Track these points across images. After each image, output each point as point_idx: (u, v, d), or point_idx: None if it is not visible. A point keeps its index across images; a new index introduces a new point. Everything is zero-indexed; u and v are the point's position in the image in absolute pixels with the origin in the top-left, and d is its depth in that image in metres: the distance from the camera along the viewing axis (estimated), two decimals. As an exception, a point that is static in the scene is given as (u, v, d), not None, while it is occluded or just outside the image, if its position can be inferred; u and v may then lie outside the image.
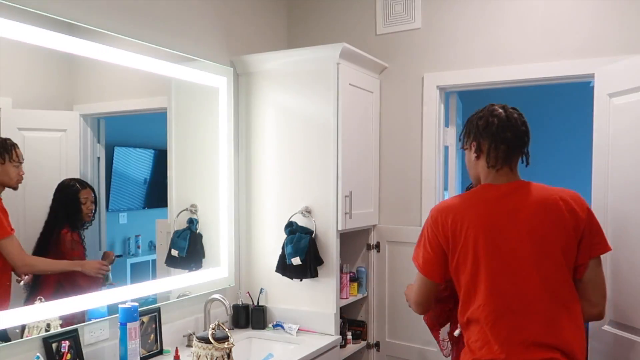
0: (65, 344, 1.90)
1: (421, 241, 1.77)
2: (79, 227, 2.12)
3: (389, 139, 3.03)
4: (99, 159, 2.18)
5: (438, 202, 2.30)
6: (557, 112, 4.58)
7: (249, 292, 2.81)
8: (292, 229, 2.66)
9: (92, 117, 2.13)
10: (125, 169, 2.36)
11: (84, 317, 2.05)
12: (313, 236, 2.63)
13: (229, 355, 1.99)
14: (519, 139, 1.69)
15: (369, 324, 3.04)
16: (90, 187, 2.14)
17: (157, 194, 2.50)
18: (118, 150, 2.29)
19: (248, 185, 2.87)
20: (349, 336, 2.87)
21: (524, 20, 2.69)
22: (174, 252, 2.50)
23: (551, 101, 4.58)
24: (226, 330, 2.02)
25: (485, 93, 4.27)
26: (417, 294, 1.80)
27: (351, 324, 2.96)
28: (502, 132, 1.67)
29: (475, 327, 1.64)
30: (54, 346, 1.89)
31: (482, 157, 1.71)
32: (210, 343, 1.95)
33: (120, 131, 2.28)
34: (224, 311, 2.50)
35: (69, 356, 1.91)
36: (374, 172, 2.99)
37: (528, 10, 2.68)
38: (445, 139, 3.01)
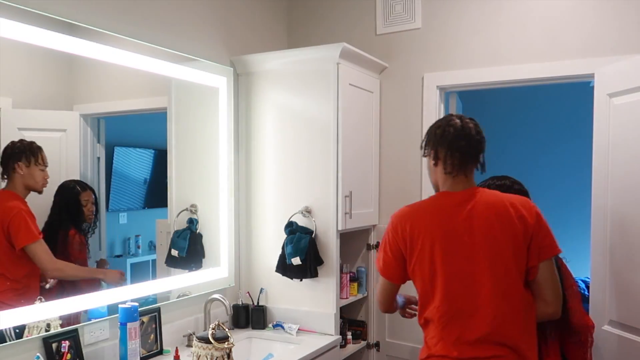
0: (65, 344, 1.90)
1: (382, 246, 1.88)
2: (81, 229, 2.12)
3: (389, 139, 3.03)
4: (99, 159, 2.18)
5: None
6: (557, 112, 4.58)
7: (249, 292, 2.81)
8: (292, 229, 2.66)
9: (92, 117, 2.12)
10: (125, 169, 2.36)
11: (79, 318, 2.05)
12: (313, 236, 2.63)
13: (229, 355, 1.99)
14: (473, 148, 1.77)
15: (369, 324, 3.04)
16: (91, 189, 2.14)
17: (157, 194, 2.50)
18: (118, 150, 2.29)
19: (248, 185, 2.87)
20: (349, 336, 2.87)
21: (524, 20, 2.69)
22: (174, 252, 2.50)
23: (551, 101, 4.58)
24: (226, 330, 2.02)
25: (485, 93, 4.29)
26: (379, 293, 1.94)
27: (351, 324, 2.96)
28: (457, 141, 1.75)
29: (431, 326, 1.76)
30: (54, 346, 1.89)
31: (439, 164, 1.80)
32: (210, 343, 1.95)
33: (120, 131, 2.28)
34: (224, 311, 2.50)
35: (69, 356, 1.91)
36: (374, 172, 2.99)
37: (528, 10, 2.68)
38: (445, 139, 3.01)
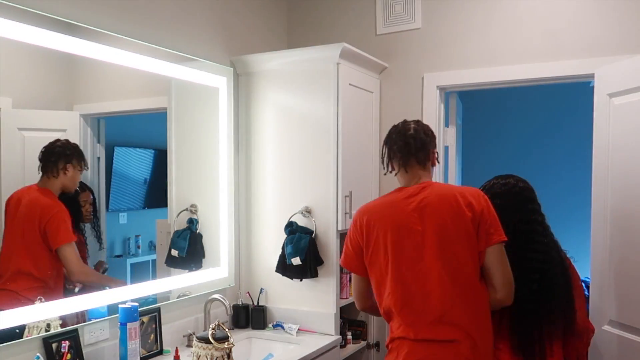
0: (65, 344, 1.90)
1: (345, 240, 2.02)
2: (80, 229, 2.12)
3: (389, 139, 3.03)
4: (99, 159, 2.17)
5: None
6: (557, 112, 4.58)
7: (249, 292, 2.81)
8: (292, 229, 2.66)
9: (92, 117, 2.12)
10: (125, 169, 2.36)
11: (84, 317, 2.05)
12: (313, 236, 2.63)
13: (229, 355, 1.99)
14: (407, 145, 1.91)
15: (369, 324, 3.04)
16: (89, 189, 2.13)
17: (157, 194, 2.50)
18: (118, 150, 2.29)
19: (248, 185, 2.87)
20: (349, 336, 2.87)
21: (524, 20, 2.69)
22: (174, 252, 2.50)
23: (551, 101, 4.58)
24: (226, 330, 2.02)
25: (486, 93, 4.29)
26: (352, 289, 2.07)
27: (351, 324, 2.96)
28: (395, 142, 1.94)
29: (391, 314, 1.87)
30: (54, 346, 1.88)
31: (394, 163, 1.97)
32: (210, 343, 1.95)
33: (120, 131, 2.28)
34: (224, 311, 2.49)
35: (69, 356, 1.91)
36: (374, 172, 2.99)
37: (528, 10, 2.68)
38: (445, 139, 3.01)
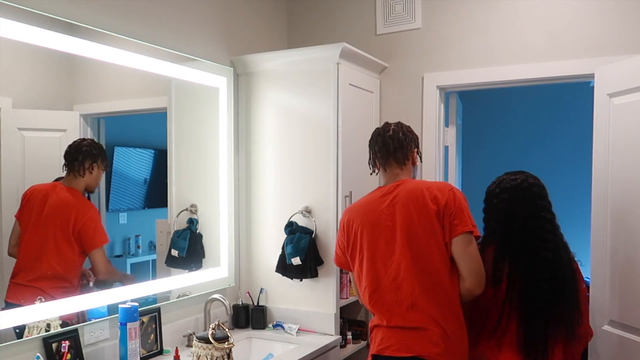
0: (65, 344, 1.90)
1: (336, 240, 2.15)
2: None
3: (389, 139, 3.03)
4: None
5: None
6: (557, 112, 4.58)
7: (249, 292, 2.81)
8: (292, 229, 2.66)
9: (92, 117, 2.12)
10: (125, 169, 2.36)
11: (85, 316, 2.05)
12: (313, 236, 2.63)
13: (229, 355, 1.99)
14: (385, 145, 2.02)
15: (369, 324, 3.03)
16: None
17: (157, 194, 2.50)
18: (118, 150, 2.29)
19: (248, 185, 2.87)
20: (349, 336, 2.86)
21: (524, 20, 2.69)
22: (174, 252, 2.50)
23: (551, 101, 4.57)
24: (226, 330, 2.02)
25: (486, 93, 4.28)
26: (353, 287, 2.20)
27: (351, 324, 2.96)
28: (375, 144, 2.06)
29: (369, 305, 1.99)
30: (54, 346, 1.88)
31: (377, 163, 2.08)
32: (210, 343, 1.95)
33: (120, 131, 2.28)
34: (224, 311, 2.50)
35: (69, 356, 1.91)
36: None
37: (528, 10, 2.68)
38: (445, 139, 3.01)
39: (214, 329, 1.99)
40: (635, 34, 2.45)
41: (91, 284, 2.08)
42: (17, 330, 1.81)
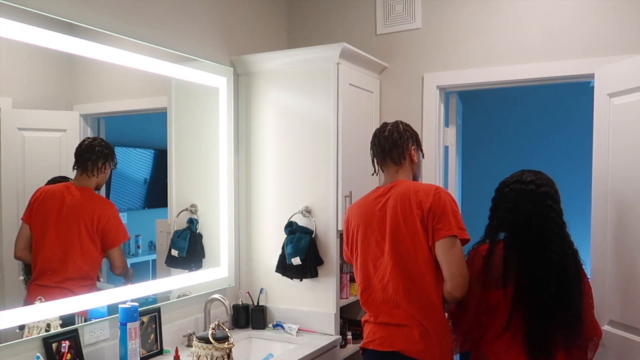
0: (65, 344, 1.90)
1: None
2: None
3: (389, 139, 3.03)
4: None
5: None
6: (557, 112, 4.58)
7: (249, 292, 2.81)
8: (292, 229, 2.66)
9: (92, 117, 2.12)
10: (125, 169, 2.36)
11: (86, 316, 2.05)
12: (313, 236, 2.63)
13: (229, 355, 1.99)
14: (381, 146, 2.07)
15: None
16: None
17: (157, 194, 2.50)
18: (118, 150, 2.29)
19: (248, 185, 2.87)
20: (349, 336, 2.86)
21: (524, 20, 2.69)
22: (174, 252, 2.50)
23: (551, 101, 4.58)
24: (226, 330, 2.02)
25: (486, 93, 4.28)
26: None
27: (351, 324, 2.96)
28: (373, 145, 2.12)
29: (360, 301, 2.08)
30: (54, 346, 1.88)
31: (376, 164, 2.13)
32: (210, 343, 1.95)
33: (120, 131, 2.27)
34: (224, 311, 2.50)
35: (69, 356, 1.91)
36: (374, 172, 2.99)
37: (528, 10, 2.68)
38: (445, 139, 3.01)
39: (214, 329, 1.99)
40: (635, 34, 2.45)
41: (101, 279, 2.14)
42: (18, 330, 1.81)
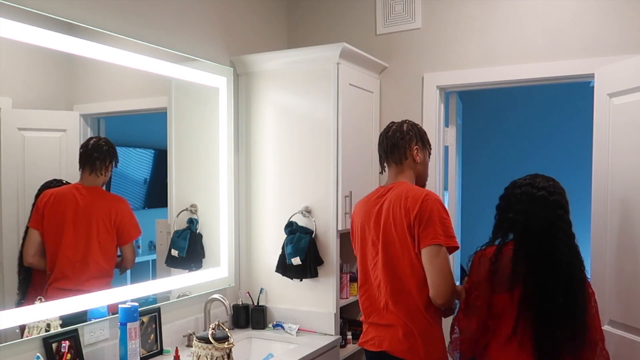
0: (65, 344, 1.90)
1: None
2: None
3: (389, 139, 3.03)
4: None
5: None
6: (557, 112, 4.58)
7: (249, 292, 2.81)
8: (292, 229, 2.66)
9: (92, 117, 2.12)
10: (125, 169, 2.35)
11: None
12: (313, 236, 2.63)
13: (229, 355, 1.99)
14: (384, 147, 2.09)
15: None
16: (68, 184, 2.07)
17: (157, 194, 2.50)
18: (118, 150, 2.29)
19: (248, 185, 2.87)
20: (349, 336, 2.87)
21: (524, 20, 2.69)
22: (174, 252, 2.50)
23: (551, 101, 4.58)
24: (226, 330, 2.02)
25: (486, 93, 4.29)
26: None
27: (351, 324, 2.96)
28: (379, 145, 2.13)
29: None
30: (54, 346, 1.88)
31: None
32: (210, 343, 1.95)
33: (120, 131, 2.27)
34: (224, 311, 2.50)
35: (69, 356, 1.91)
36: (374, 172, 2.99)
37: (528, 10, 2.68)
38: (445, 139, 3.01)
39: (214, 329, 1.99)
40: (635, 34, 2.45)
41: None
42: (18, 330, 1.81)
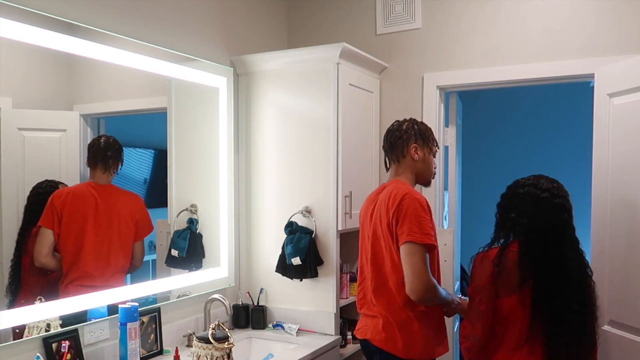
0: (65, 344, 1.90)
1: None
2: None
3: (389, 139, 3.03)
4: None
5: (440, 202, 2.78)
6: (557, 112, 4.58)
7: (249, 292, 2.81)
8: (292, 229, 2.66)
9: (92, 117, 2.12)
10: (125, 169, 2.35)
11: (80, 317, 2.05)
12: (313, 236, 2.63)
13: (229, 355, 1.99)
14: (385, 146, 2.19)
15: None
16: (63, 185, 2.03)
17: (157, 194, 2.50)
18: (118, 150, 2.29)
19: (248, 185, 2.87)
20: (349, 336, 2.87)
21: (524, 20, 2.69)
22: (174, 252, 2.50)
23: (551, 101, 4.58)
24: (226, 330, 2.02)
25: (486, 93, 4.28)
26: None
27: (351, 323, 2.94)
28: (383, 144, 2.22)
29: None
30: (54, 346, 1.88)
31: None
32: (210, 343, 1.95)
33: (120, 131, 2.27)
34: (224, 311, 2.50)
35: (69, 356, 1.91)
36: (374, 172, 2.99)
37: (528, 10, 2.68)
38: (445, 139, 3.01)
39: (214, 329, 1.99)
40: (635, 34, 2.45)
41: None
42: (17, 330, 1.81)
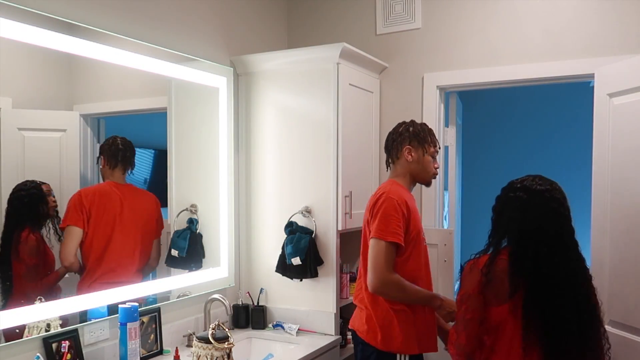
0: (65, 344, 1.90)
1: None
2: (42, 226, 1.96)
3: (389, 139, 3.03)
4: (98, 159, 2.18)
5: (440, 202, 2.70)
6: (557, 112, 4.58)
7: (249, 292, 2.81)
8: (292, 229, 2.66)
9: (92, 117, 2.13)
10: (126, 169, 2.36)
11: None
12: (313, 236, 2.63)
13: (229, 355, 1.99)
14: (384, 147, 2.28)
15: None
16: (46, 185, 1.97)
17: (157, 194, 2.50)
18: (118, 150, 2.29)
19: (248, 185, 2.87)
20: (349, 336, 2.86)
21: (524, 20, 2.69)
22: (174, 252, 2.50)
23: (551, 101, 4.58)
24: (226, 330, 2.02)
25: (486, 93, 4.29)
26: None
27: (351, 324, 2.96)
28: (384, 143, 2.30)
29: None
30: (54, 346, 1.89)
31: None
32: (210, 343, 1.95)
33: (120, 131, 2.27)
34: (224, 311, 2.50)
35: (69, 356, 1.91)
36: (374, 172, 2.99)
37: (528, 10, 2.68)
38: (445, 139, 3.01)
39: (214, 329, 1.99)
40: (635, 34, 2.45)
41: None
42: (17, 330, 1.81)
